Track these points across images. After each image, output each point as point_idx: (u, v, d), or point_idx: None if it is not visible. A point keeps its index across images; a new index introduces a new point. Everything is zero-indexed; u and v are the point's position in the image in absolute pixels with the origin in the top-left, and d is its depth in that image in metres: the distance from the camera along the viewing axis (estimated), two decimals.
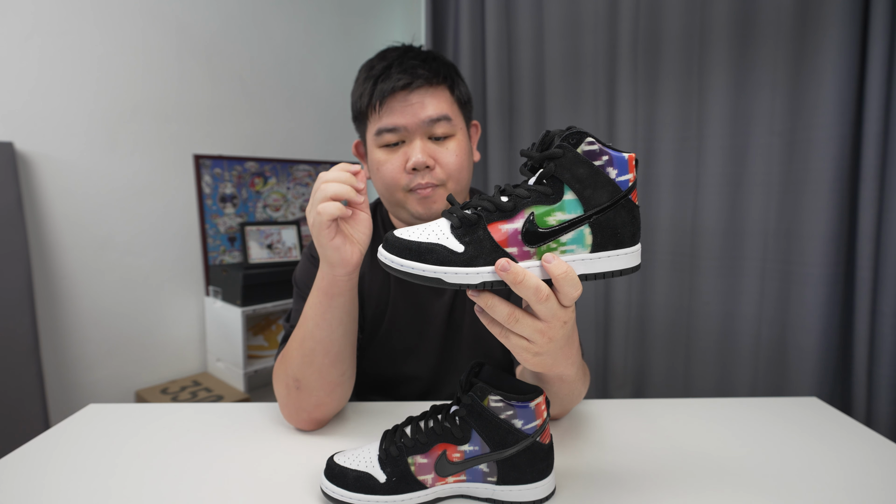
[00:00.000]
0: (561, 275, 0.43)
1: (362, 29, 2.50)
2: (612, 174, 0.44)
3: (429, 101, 0.71)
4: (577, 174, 0.44)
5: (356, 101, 0.77)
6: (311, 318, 0.63)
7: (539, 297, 0.43)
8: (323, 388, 0.65)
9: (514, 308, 0.45)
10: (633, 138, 1.43)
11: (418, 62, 0.73)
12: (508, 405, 0.49)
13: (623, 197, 0.44)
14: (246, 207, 2.14)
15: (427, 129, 0.71)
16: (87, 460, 0.60)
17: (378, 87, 0.71)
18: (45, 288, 1.64)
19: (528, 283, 0.42)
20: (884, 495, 0.54)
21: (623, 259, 0.45)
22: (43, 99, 1.61)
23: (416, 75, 0.71)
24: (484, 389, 0.50)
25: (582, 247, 0.44)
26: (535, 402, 0.50)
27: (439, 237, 0.44)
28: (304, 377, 0.65)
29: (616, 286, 1.50)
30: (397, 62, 0.72)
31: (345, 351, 0.66)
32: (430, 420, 0.52)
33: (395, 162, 0.72)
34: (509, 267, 0.42)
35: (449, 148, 0.72)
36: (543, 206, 0.44)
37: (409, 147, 0.72)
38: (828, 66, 1.14)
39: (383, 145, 0.73)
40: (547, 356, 0.48)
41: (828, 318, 1.18)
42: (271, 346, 2.11)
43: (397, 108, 0.71)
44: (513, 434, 0.50)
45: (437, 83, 0.73)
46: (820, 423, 0.72)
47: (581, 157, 0.44)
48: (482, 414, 0.50)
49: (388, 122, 0.71)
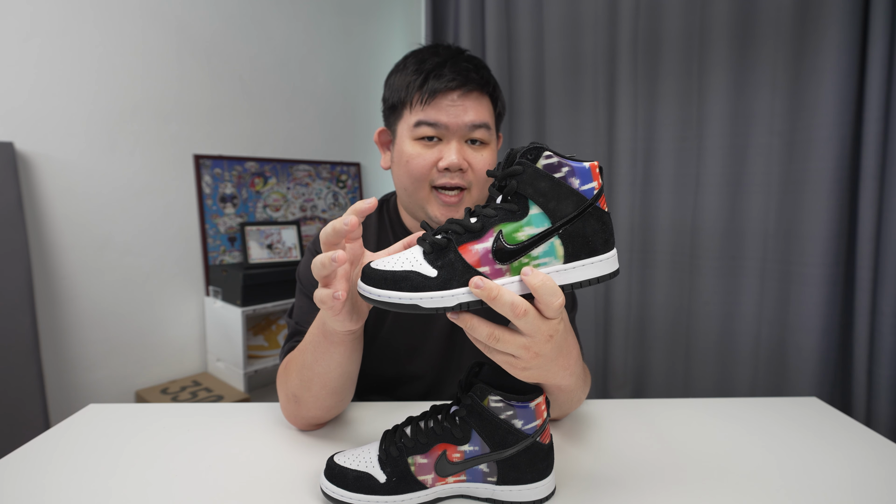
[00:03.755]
0: (538, 285, 0.43)
1: (362, 29, 2.50)
2: (576, 184, 0.45)
3: (474, 107, 0.72)
4: (539, 188, 0.44)
5: (399, 89, 0.75)
6: (311, 353, 0.62)
7: (516, 312, 0.43)
8: (319, 408, 0.66)
9: (494, 327, 0.45)
10: (633, 138, 1.43)
11: (472, 66, 0.73)
12: (508, 405, 0.49)
13: (589, 205, 0.45)
14: (246, 207, 2.14)
15: (466, 132, 0.72)
16: (87, 460, 0.60)
17: (430, 83, 0.71)
18: (45, 288, 1.64)
19: (503, 298, 0.43)
20: (884, 495, 0.54)
21: (599, 266, 0.45)
22: (43, 99, 1.60)
23: (469, 79, 0.72)
24: (484, 389, 0.50)
25: (555, 258, 0.45)
26: (535, 403, 0.50)
27: (413, 264, 0.45)
28: (302, 397, 0.65)
29: (616, 286, 1.50)
30: (451, 62, 0.73)
31: (345, 386, 0.65)
32: (430, 420, 0.52)
33: (427, 157, 0.72)
34: (483, 284, 0.43)
35: (483, 155, 0.74)
36: (511, 223, 0.45)
37: (446, 146, 0.72)
38: (828, 66, 1.14)
39: (419, 138, 0.73)
40: (536, 370, 0.48)
41: (828, 318, 1.18)
42: (271, 346, 2.11)
43: (444, 106, 0.71)
44: (513, 434, 0.50)
45: (485, 91, 0.74)
46: (820, 423, 0.72)
47: (541, 171, 0.44)
48: (482, 414, 0.50)
49: (431, 117, 0.71)
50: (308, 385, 0.63)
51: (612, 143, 1.47)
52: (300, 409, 0.66)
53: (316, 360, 0.61)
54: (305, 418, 0.67)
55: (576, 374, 0.56)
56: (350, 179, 2.50)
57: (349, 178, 2.50)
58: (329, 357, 0.61)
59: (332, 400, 0.65)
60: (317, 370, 0.62)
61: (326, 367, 0.61)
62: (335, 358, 0.61)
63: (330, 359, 0.61)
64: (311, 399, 0.65)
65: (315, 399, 0.64)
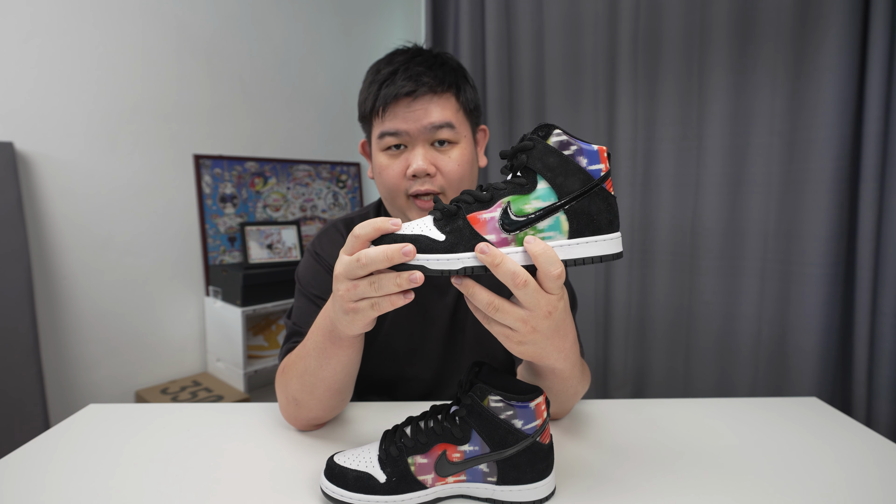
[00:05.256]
0: (539, 252, 0.44)
1: (362, 29, 2.50)
2: (583, 163, 0.46)
3: (432, 108, 0.71)
4: (547, 163, 0.46)
5: (361, 102, 0.76)
6: (315, 359, 0.61)
7: (517, 281, 0.44)
8: (321, 409, 0.66)
9: (494, 296, 0.46)
10: (633, 138, 1.43)
11: (424, 68, 0.72)
12: (508, 405, 0.49)
13: (596, 185, 0.46)
14: (246, 207, 2.14)
15: (429, 135, 0.71)
16: (87, 460, 0.60)
17: (382, 92, 0.71)
18: (45, 288, 1.64)
19: (505, 265, 0.44)
20: (884, 495, 0.54)
21: (603, 245, 0.47)
22: (43, 99, 1.60)
23: (421, 83, 0.70)
24: (484, 390, 0.50)
25: (559, 233, 0.46)
26: (535, 402, 0.50)
27: (422, 229, 0.47)
28: (302, 400, 0.65)
29: (616, 286, 1.50)
30: (403, 67, 0.71)
31: (348, 385, 0.65)
32: (429, 420, 0.52)
33: (396, 167, 0.72)
34: (487, 250, 0.44)
35: (451, 156, 0.72)
36: (519, 196, 0.46)
37: (411, 153, 0.71)
38: (828, 66, 1.14)
39: (386, 148, 0.73)
40: (531, 346, 0.48)
41: (828, 318, 1.18)
42: (271, 346, 2.11)
43: (400, 113, 0.70)
44: (513, 434, 0.50)
45: (441, 90, 0.72)
46: (820, 423, 0.72)
47: (550, 146, 0.46)
48: (482, 414, 0.50)
49: (390, 127, 0.71)
50: (311, 390, 0.63)
51: (613, 143, 1.47)
52: (301, 412, 0.66)
53: (320, 365, 0.61)
54: (307, 419, 0.67)
55: (571, 359, 0.56)
56: (350, 179, 2.50)
57: (349, 178, 2.50)
58: (335, 360, 0.60)
59: (335, 400, 0.66)
60: (321, 375, 0.62)
61: (332, 370, 0.61)
62: (341, 360, 0.61)
63: (336, 362, 0.61)
64: (314, 402, 0.65)
65: (318, 402, 0.65)
